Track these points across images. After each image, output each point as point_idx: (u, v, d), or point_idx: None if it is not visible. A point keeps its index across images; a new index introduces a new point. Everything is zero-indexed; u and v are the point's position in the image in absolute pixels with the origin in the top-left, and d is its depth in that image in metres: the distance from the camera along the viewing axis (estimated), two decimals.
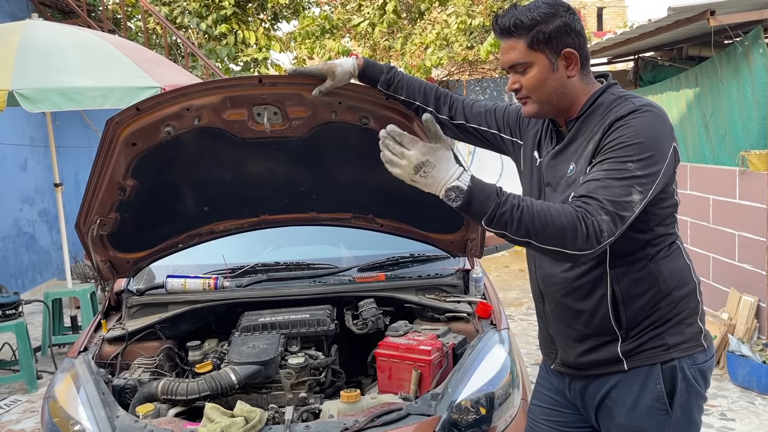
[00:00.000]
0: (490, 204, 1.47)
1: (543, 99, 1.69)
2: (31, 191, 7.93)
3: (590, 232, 1.46)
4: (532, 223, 1.46)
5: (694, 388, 1.68)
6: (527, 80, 1.68)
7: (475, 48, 9.76)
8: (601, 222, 1.47)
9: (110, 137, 2.29)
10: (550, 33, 1.64)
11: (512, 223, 1.47)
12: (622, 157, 1.53)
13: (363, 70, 2.12)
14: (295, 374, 2.30)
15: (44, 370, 5.02)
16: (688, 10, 4.53)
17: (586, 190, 1.52)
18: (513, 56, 1.68)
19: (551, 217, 1.47)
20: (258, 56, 10.79)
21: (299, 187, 2.70)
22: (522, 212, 1.47)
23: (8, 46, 4.64)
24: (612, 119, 1.59)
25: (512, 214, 1.47)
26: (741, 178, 4.58)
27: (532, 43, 1.64)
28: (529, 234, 1.47)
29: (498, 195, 1.48)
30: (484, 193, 1.49)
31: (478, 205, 1.48)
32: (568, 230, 1.46)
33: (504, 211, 1.47)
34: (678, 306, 1.68)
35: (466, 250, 2.80)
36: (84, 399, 2.14)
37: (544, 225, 1.46)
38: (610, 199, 1.49)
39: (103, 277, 2.75)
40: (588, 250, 1.48)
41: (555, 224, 1.46)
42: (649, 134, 1.56)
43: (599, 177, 1.53)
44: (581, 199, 1.51)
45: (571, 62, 1.67)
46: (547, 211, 1.48)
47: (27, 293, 7.28)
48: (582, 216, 1.47)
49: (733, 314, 4.54)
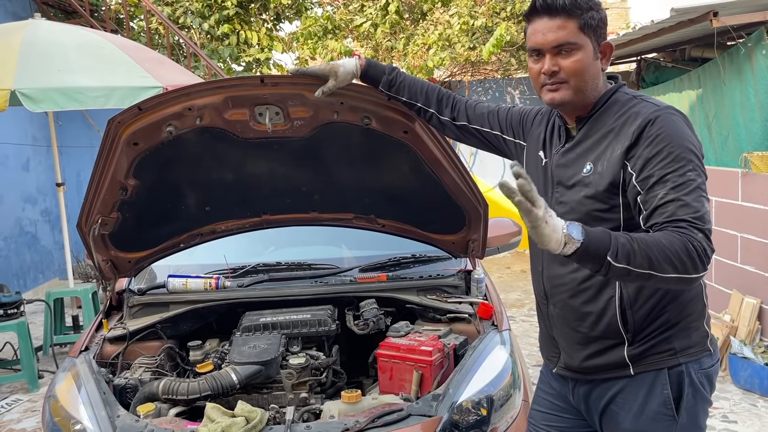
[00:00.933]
0: (607, 237, 1.44)
1: (580, 86, 1.65)
2: (33, 191, 7.94)
3: (700, 253, 1.45)
4: (650, 251, 1.43)
5: (701, 393, 1.67)
6: (571, 63, 1.62)
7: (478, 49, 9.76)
8: (701, 240, 1.46)
9: (112, 137, 2.29)
10: (599, 20, 1.63)
11: (634, 253, 1.42)
12: (679, 169, 1.52)
13: (365, 70, 2.12)
14: (296, 374, 2.29)
15: (45, 370, 5.02)
16: (691, 12, 4.53)
17: (667, 214, 1.49)
18: (562, 35, 1.61)
19: (663, 244, 1.43)
20: (260, 56, 10.78)
21: (301, 188, 2.70)
22: (638, 242, 1.43)
23: (11, 46, 4.65)
24: (639, 125, 1.57)
25: (631, 244, 1.43)
26: (744, 180, 4.58)
27: (584, 26, 1.61)
28: (651, 264, 1.43)
29: (605, 229, 1.46)
30: (596, 231, 1.45)
31: (596, 240, 1.43)
32: (684, 255, 1.44)
33: (621, 241, 1.43)
34: (685, 309, 1.67)
35: (468, 250, 2.79)
36: (85, 398, 2.14)
37: (662, 252, 1.43)
38: (695, 216, 1.48)
39: (105, 277, 2.75)
40: (702, 272, 1.47)
41: (671, 250, 1.43)
42: (686, 137, 1.57)
43: (672, 197, 1.50)
44: (671, 225, 1.48)
45: (606, 55, 1.68)
46: (657, 239, 1.44)
47: (29, 293, 7.29)
48: (689, 239, 1.45)
49: (735, 316, 4.53)
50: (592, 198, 1.64)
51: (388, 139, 2.37)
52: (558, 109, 1.76)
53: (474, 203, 2.55)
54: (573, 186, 1.69)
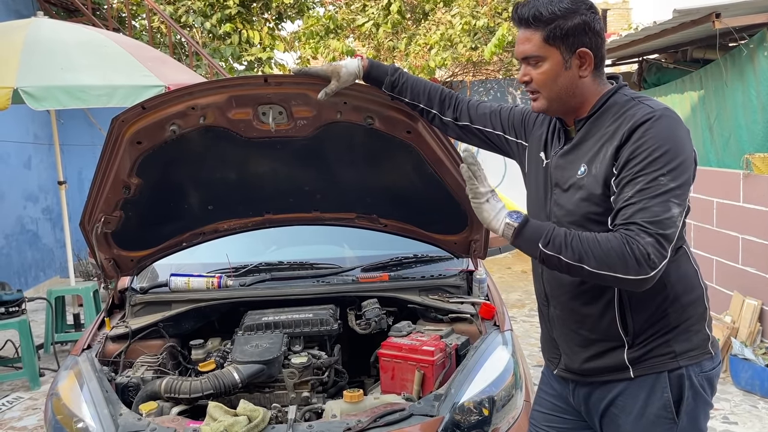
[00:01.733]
0: (546, 226, 1.60)
1: (552, 96, 1.67)
2: (34, 189, 7.94)
3: (637, 256, 1.48)
4: (582, 245, 1.53)
5: (701, 396, 1.67)
6: (538, 74, 1.66)
7: (479, 49, 9.76)
8: (645, 245, 1.48)
9: (115, 135, 2.30)
10: (568, 30, 1.61)
11: (566, 246, 1.54)
12: (651, 172, 1.52)
13: (368, 71, 2.12)
14: (298, 374, 2.30)
15: (47, 368, 5.02)
16: (694, 13, 4.53)
17: (625, 216, 1.52)
18: (527, 48, 1.65)
19: (599, 241, 1.53)
20: (262, 56, 10.79)
21: (303, 187, 2.70)
22: (574, 236, 1.55)
23: (13, 44, 4.65)
24: (630, 126, 1.57)
25: (566, 238, 1.55)
26: (745, 181, 4.58)
27: (548, 38, 1.62)
28: (582, 258, 1.52)
29: (551, 223, 1.63)
30: (537, 222, 1.63)
31: (535, 225, 1.60)
32: (617, 254, 1.49)
33: (558, 233, 1.56)
34: (686, 312, 1.66)
35: (470, 251, 2.79)
36: (87, 397, 2.14)
37: (593, 247, 1.52)
38: (649, 220, 1.49)
39: (107, 275, 2.75)
40: (644, 275, 1.49)
41: (603, 247, 1.51)
42: (672, 142, 1.54)
43: (635, 200, 1.52)
44: (623, 227, 1.52)
45: (585, 62, 1.64)
46: (594, 237, 1.54)
47: (30, 291, 7.29)
48: (626, 241, 1.49)
49: (736, 317, 4.53)
50: (587, 200, 1.64)
51: (391, 139, 2.37)
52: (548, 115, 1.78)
53: None
54: (569, 188, 1.69)
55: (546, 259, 1.58)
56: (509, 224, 1.61)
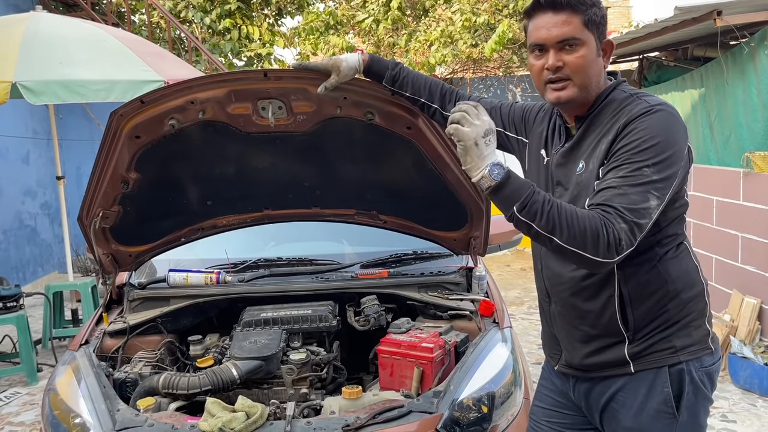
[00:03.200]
0: (526, 190, 1.50)
1: (584, 83, 1.63)
2: (33, 184, 7.92)
3: (611, 240, 1.47)
4: (559, 218, 1.48)
5: (701, 392, 1.67)
6: (575, 59, 1.60)
7: (480, 46, 9.75)
8: (620, 230, 1.48)
9: (114, 130, 2.29)
10: (602, 17, 1.62)
11: (542, 215, 1.49)
12: (637, 162, 1.51)
13: (368, 66, 2.11)
14: (297, 370, 2.29)
15: (44, 363, 5.02)
16: (695, 10, 4.51)
17: (603, 198, 1.51)
18: (567, 30, 1.59)
19: (578, 217, 1.48)
20: (262, 51, 10.77)
21: (303, 183, 2.69)
22: (552, 206, 1.49)
23: (12, 38, 4.63)
24: (625, 120, 1.57)
25: (543, 206, 1.49)
26: (745, 180, 4.57)
27: (588, 22, 1.60)
28: (554, 230, 1.48)
29: (533, 186, 1.52)
30: (521, 179, 1.54)
31: (514, 187, 1.51)
32: (591, 233, 1.47)
33: (536, 200, 1.49)
34: (686, 308, 1.66)
35: (470, 248, 2.79)
36: (85, 392, 2.13)
37: (570, 223, 1.48)
38: (627, 206, 1.49)
39: (105, 271, 2.74)
40: (609, 258, 1.49)
41: (580, 225, 1.47)
42: (663, 135, 1.54)
43: (615, 184, 1.51)
44: (600, 207, 1.51)
45: (607, 53, 1.66)
46: (574, 211, 1.50)
47: (28, 286, 7.28)
48: (604, 224, 1.48)
49: (735, 316, 4.53)
50: (586, 196, 1.63)
51: (391, 134, 2.36)
52: (560, 108, 1.74)
53: (476, 200, 2.54)
54: (570, 186, 1.69)
55: (516, 224, 1.53)
56: (485, 177, 1.52)
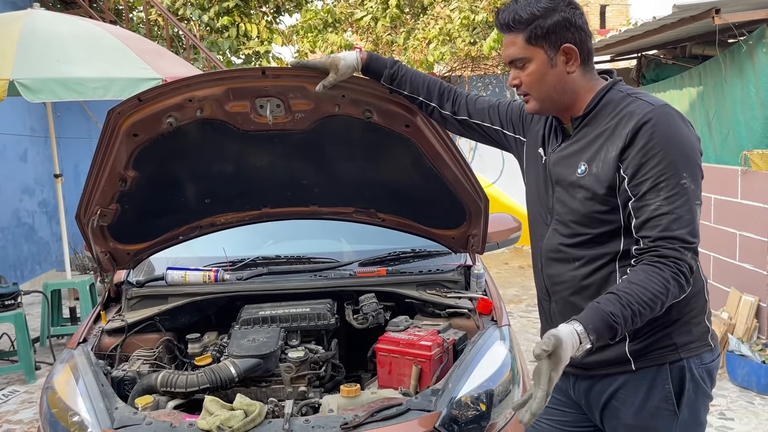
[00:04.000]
0: (615, 332, 1.49)
1: (542, 95, 1.68)
2: (30, 182, 7.91)
3: (688, 276, 1.53)
4: (650, 310, 1.51)
5: (702, 388, 1.67)
6: (526, 76, 1.68)
7: (478, 44, 9.75)
8: (689, 260, 1.54)
9: (112, 128, 2.28)
10: (549, 28, 1.62)
11: (637, 323, 1.51)
12: (672, 176, 1.53)
13: (367, 64, 2.11)
14: (295, 368, 2.29)
15: (43, 361, 5.01)
16: (693, 8, 4.52)
17: (660, 229, 1.53)
18: (512, 51, 1.68)
19: (660, 294, 1.50)
20: (260, 49, 10.75)
21: (301, 181, 2.69)
22: (639, 313, 1.50)
23: (10, 36, 4.62)
24: (633, 126, 1.56)
25: (634, 321, 1.50)
26: (743, 178, 4.57)
27: (530, 38, 1.64)
28: (651, 314, 1.53)
29: (614, 324, 1.47)
30: (603, 332, 1.48)
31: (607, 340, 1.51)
32: (676, 290, 1.53)
33: (627, 326, 1.50)
34: (687, 305, 1.66)
35: (468, 246, 2.79)
36: (83, 390, 2.13)
37: (660, 303, 1.51)
38: (688, 231, 1.53)
39: (103, 269, 2.74)
40: (690, 287, 1.56)
41: (666, 295, 1.51)
42: (681, 139, 1.56)
43: (665, 210, 1.53)
44: (663, 244, 1.53)
45: (571, 58, 1.65)
46: (654, 293, 1.50)
47: (26, 284, 7.27)
48: (677, 270, 1.51)
49: (733, 314, 4.54)
50: (591, 200, 1.64)
51: (390, 132, 2.36)
52: None
53: (475, 198, 2.54)
54: (570, 186, 1.69)
55: None
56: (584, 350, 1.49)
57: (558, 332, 1.43)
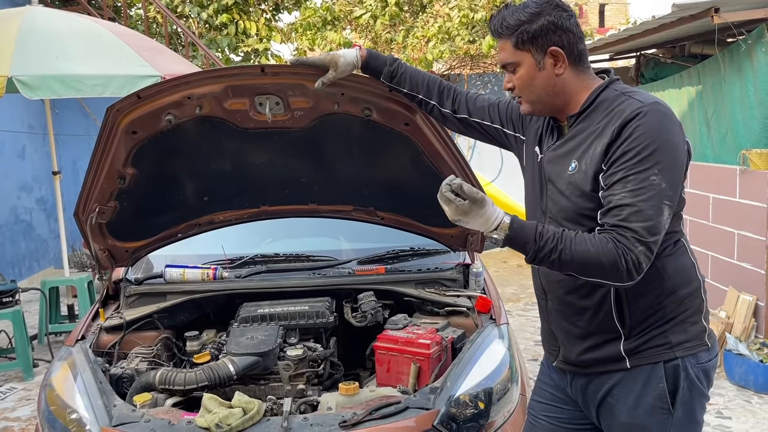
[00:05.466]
0: (528, 249, 1.57)
1: (533, 98, 1.73)
2: (28, 179, 7.90)
3: (630, 267, 1.52)
4: (572, 262, 1.55)
5: (697, 388, 1.68)
6: (517, 79, 1.73)
7: (477, 42, 9.75)
8: (638, 254, 1.52)
9: (110, 125, 2.28)
10: (534, 32, 1.66)
11: (554, 263, 1.57)
12: (643, 171, 1.53)
13: (366, 61, 2.11)
14: (294, 366, 2.29)
15: (40, 359, 5.01)
16: (693, 7, 4.52)
17: (619, 218, 1.54)
18: (503, 56, 1.74)
19: (591, 255, 1.53)
20: (259, 47, 10.74)
21: (300, 179, 2.69)
22: (561, 254, 1.54)
23: (8, 32, 4.61)
24: (620, 123, 1.57)
25: (551, 256, 1.55)
26: (741, 177, 4.58)
27: (517, 43, 1.69)
28: (572, 271, 1.57)
29: (536, 240, 1.55)
30: (521, 239, 1.57)
31: (518, 248, 1.59)
32: (609, 267, 1.53)
33: (543, 254, 1.56)
34: (682, 304, 1.67)
35: (467, 244, 2.79)
36: (81, 387, 2.13)
37: (584, 264, 1.54)
38: (645, 225, 1.52)
39: (102, 266, 2.74)
40: (631, 280, 1.55)
41: (595, 262, 1.53)
42: (662, 137, 1.55)
43: (628, 201, 1.53)
44: (616, 231, 1.53)
45: (558, 60, 1.67)
46: (586, 250, 1.54)
47: (24, 281, 7.26)
48: (622, 252, 1.52)
49: (731, 313, 4.54)
50: (580, 197, 1.65)
51: (389, 131, 2.36)
52: None
53: None
54: (562, 184, 1.70)
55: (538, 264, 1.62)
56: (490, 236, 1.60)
57: (491, 200, 1.57)
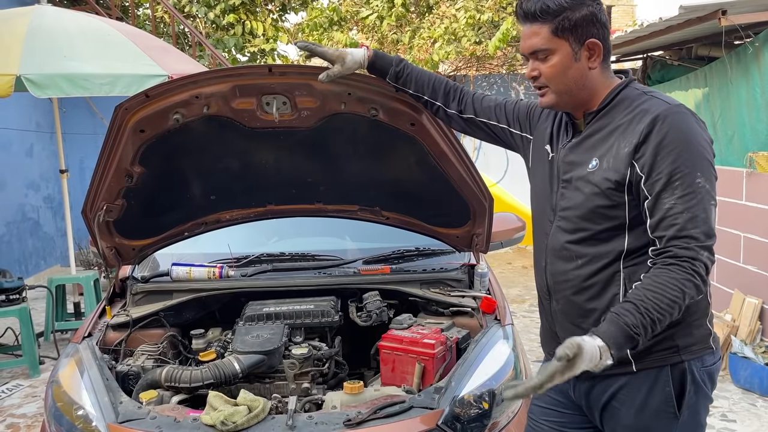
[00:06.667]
0: (637, 343, 1.52)
1: (562, 89, 1.67)
2: (36, 177, 7.93)
3: (703, 276, 1.54)
4: (669, 315, 1.52)
5: (702, 391, 1.67)
6: (548, 68, 1.65)
7: (483, 43, 9.74)
8: (705, 260, 1.55)
9: (119, 123, 2.29)
10: (577, 21, 1.61)
11: (657, 330, 1.53)
12: (688, 174, 1.54)
13: (373, 61, 2.11)
14: (299, 365, 2.29)
15: (46, 356, 5.03)
16: (700, 9, 4.50)
17: (676, 228, 1.53)
18: (535, 42, 1.64)
19: (677, 299, 1.51)
20: (265, 47, 10.77)
21: (306, 178, 2.69)
22: (658, 321, 1.51)
23: (17, 31, 4.63)
24: (648, 123, 1.56)
25: (653, 328, 1.51)
26: (748, 180, 4.56)
27: (557, 30, 1.62)
28: (671, 318, 1.54)
29: (636, 334, 1.49)
30: (624, 345, 1.51)
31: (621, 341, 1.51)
32: (690, 290, 1.53)
33: (648, 335, 1.52)
34: (689, 307, 1.64)
35: (472, 245, 2.79)
36: (88, 384, 2.14)
37: (678, 307, 1.52)
38: (703, 230, 1.54)
39: (109, 264, 2.75)
40: (707, 287, 1.58)
41: (683, 299, 1.52)
42: (695, 138, 1.57)
43: (681, 209, 1.53)
44: (678, 243, 1.53)
45: (594, 53, 1.64)
46: (670, 299, 1.51)
47: (30, 279, 7.29)
48: (692, 272, 1.52)
49: (736, 316, 4.53)
50: (597, 195, 1.64)
51: (395, 131, 2.36)
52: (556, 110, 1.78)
53: (479, 197, 2.54)
54: (579, 181, 1.68)
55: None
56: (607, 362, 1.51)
57: (584, 343, 1.44)
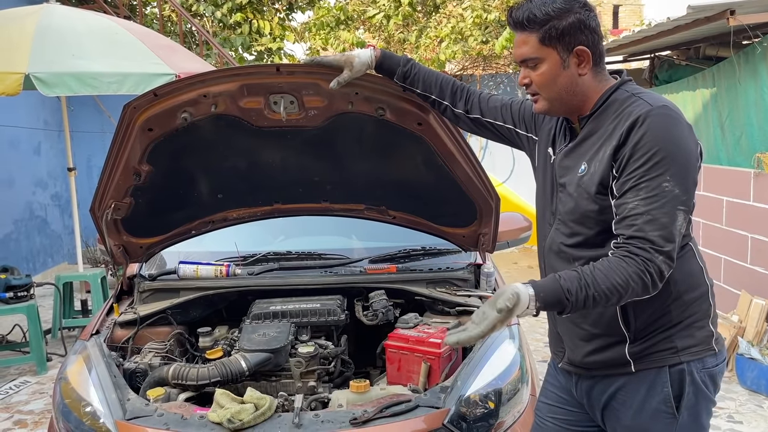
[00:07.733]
0: (565, 308, 1.54)
1: (553, 96, 1.68)
2: (43, 175, 7.98)
3: (654, 278, 1.52)
4: (605, 299, 1.53)
5: (703, 393, 1.66)
6: (537, 76, 1.67)
7: (490, 43, 9.74)
8: (659, 264, 1.52)
9: (127, 122, 2.30)
10: (563, 29, 1.61)
11: (589, 307, 1.54)
12: (654, 178, 1.52)
13: (380, 62, 2.12)
14: (305, 363, 2.30)
15: (54, 353, 5.06)
16: (708, 9, 4.48)
17: (634, 229, 1.53)
18: (524, 51, 1.67)
19: (619, 285, 1.51)
20: (272, 46, 10.79)
21: (313, 177, 2.70)
22: (594, 299, 1.52)
23: (25, 30, 4.66)
24: (628, 126, 1.56)
25: (586, 304, 1.53)
26: (756, 180, 4.55)
27: (544, 39, 1.63)
28: (608, 305, 1.56)
29: (567, 300, 1.51)
30: (554, 305, 1.54)
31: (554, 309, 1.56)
32: (637, 286, 1.52)
33: (578, 307, 1.53)
34: (689, 309, 1.66)
35: (478, 244, 2.79)
36: (95, 381, 2.16)
37: (617, 295, 1.52)
38: (661, 234, 1.51)
39: (116, 262, 2.77)
40: (654, 291, 1.55)
41: (625, 289, 1.51)
42: (672, 141, 1.54)
43: (641, 210, 1.52)
44: (633, 243, 1.53)
45: (583, 60, 1.64)
46: (614, 283, 1.51)
47: (38, 276, 7.34)
48: (644, 269, 1.51)
49: (743, 317, 4.51)
50: (587, 199, 1.64)
51: (402, 130, 2.36)
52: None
53: (486, 197, 2.54)
54: (571, 186, 1.69)
55: None
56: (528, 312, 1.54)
57: (519, 293, 1.49)
